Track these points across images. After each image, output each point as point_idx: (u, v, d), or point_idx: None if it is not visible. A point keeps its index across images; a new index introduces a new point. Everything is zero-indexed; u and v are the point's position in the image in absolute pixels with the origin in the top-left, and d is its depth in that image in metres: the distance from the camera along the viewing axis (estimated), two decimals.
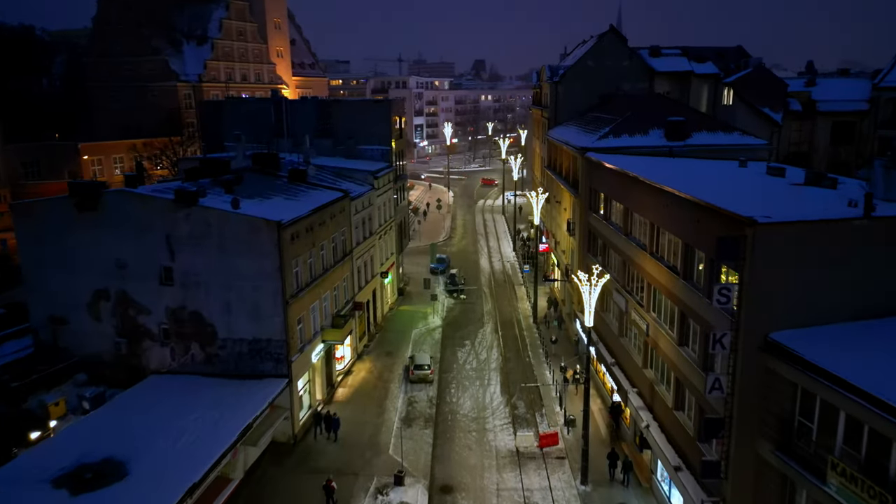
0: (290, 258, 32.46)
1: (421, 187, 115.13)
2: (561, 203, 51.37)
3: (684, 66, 59.05)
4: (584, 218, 42.15)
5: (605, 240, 37.35)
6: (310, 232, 35.02)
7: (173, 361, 34.29)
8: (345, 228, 41.11)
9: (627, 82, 58.71)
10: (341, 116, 55.00)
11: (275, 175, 41.91)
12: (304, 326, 34.37)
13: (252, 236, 31.62)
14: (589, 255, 41.44)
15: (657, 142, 41.90)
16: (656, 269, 28.22)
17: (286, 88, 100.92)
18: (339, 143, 54.28)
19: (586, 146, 41.75)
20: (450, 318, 51.53)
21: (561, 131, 54.91)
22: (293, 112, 55.48)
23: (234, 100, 66.65)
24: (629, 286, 32.87)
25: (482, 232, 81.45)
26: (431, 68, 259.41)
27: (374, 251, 47.99)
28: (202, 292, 32.87)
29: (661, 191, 27.14)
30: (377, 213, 48.88)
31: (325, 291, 37.49)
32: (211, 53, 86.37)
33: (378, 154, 53.48)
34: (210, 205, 32.19)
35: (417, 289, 57.63)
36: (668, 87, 58.96)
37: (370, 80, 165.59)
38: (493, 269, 65.61)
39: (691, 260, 24.81)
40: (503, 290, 58.51)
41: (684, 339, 25.50)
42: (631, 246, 32.07)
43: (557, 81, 58.97)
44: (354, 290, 43.03)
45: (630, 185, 32.10)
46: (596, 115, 51.65)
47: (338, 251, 39.79)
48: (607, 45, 58.64)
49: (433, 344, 46.07)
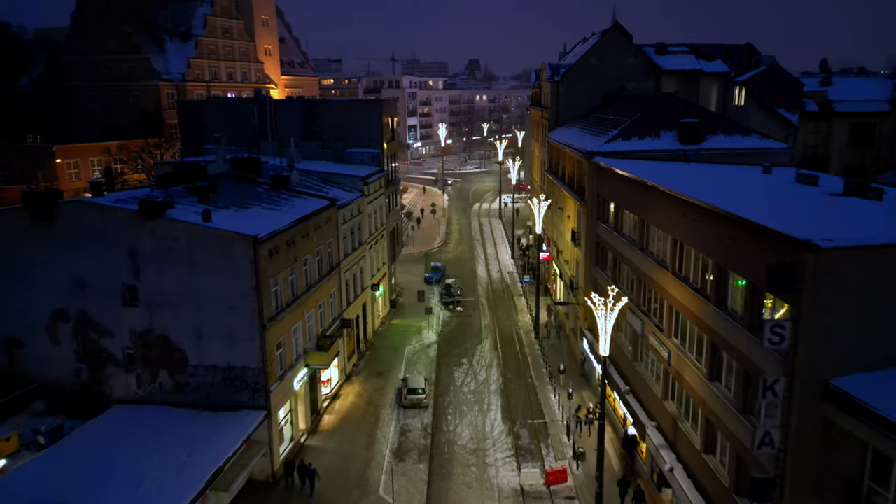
0: (268, 276, 29.10)
1: (415, 190, 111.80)
2: (564, 210, 48.14)
3: (692, 65, 55.93)
4: (591, 228, 38.92)
5: (617, 253, 34.13)
6: (291, 246, 31.66)
7: (139, 390, 30.91)
8: (331, 240, 37.75)
9: (632, 81, 55.57)
10: (329, 117, 51.62)
11: (255, 181, 38.51)
12: (284, 351, 31.00)
13: (225, 252, 28.25)
14: (597, 268, 38.20)
15: (670, 145, 38.77)
16: (680, 291, 24.99)
17: (275, 88, 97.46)
18: (326, 145, 50.90)
19: (593, 150, 38.55)
20: (446, 333, 48.22)
21: (563, 133, 51.70)
22: (278, 113, 52.06)
23: (215, 100, 63.17)
24: (646, 306, 29.64)
25: (478, 238, 78.16)
26: (425, 68, 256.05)
27: (364, 262, 44.64)
28: (170, 314, 29.48)
29: (686, 203, 23.91)
30: (367, 221, 45.53)
31: (310, 310, 34.13)
32: (195, 51, 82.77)
33: (368, 157, 50.12)
34: (178, 217, 28.79)
35: (411, 300, 54.30)
36: (675, 87, 55.83)
37: (362, 79, 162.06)
38: (491, 278, 62.34)
39: (724, 283, 21.58)
40: (502, 302, 55.25)
41: (716, 374, 22.27)
42: (648, 262, 28.84)
43: (558, 81, 55.75)
44: (342, 306, 39.67)
45: (646, 194, 28.87)
46: (601, 116, 48.46)
47: (323, 265, 36.44)
48: (611, 43, 55.47)
49: (428, 363, 42.76)
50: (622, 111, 45.89)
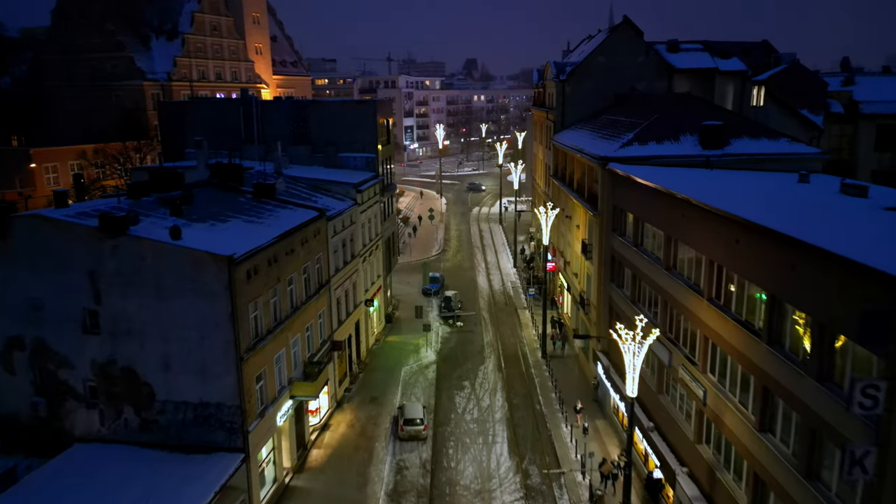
0: (245, 301, 25.64)
1: (411, 193, 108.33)
2: (572, 219, 44.77)
3: (707, 63, 52.62)
4: (606, 240, 35.57)
5: (636, 271, 30.76)
6: (274, 265, 28.21)
7: (103, 427, 27.42)
8: (320, 254, 34.32)
9: (643, 81, 52.26)
10: (320, 119, 48.14)
11: (237, 190, 35.05)
12: (266, 384, 27.54)
13: (196, 275, 24.78)
14: (612, 285, 34.84)
15: (691, 150, 35.46)
16: (719, 322, 21.63)
17: (266, 88, 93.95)
18: (317, 149, 47.42)
19: (608, 155, 35.20)
20: (445, 352, 44.80)
21: (571, 136, 48.34)
22: (265, 114, 48.56)
23: (198, 100, 59.59)
24: (673, 334, 26.27)
25: (478, 245, 74.73)
26: (421, 68, 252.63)
27: (357, 277, 41.21)
28: (135, 343, 25.99)
29: (728, 220, 20.56)
30: (361, 231, 42.10)
31: (295, 334, 30.68)
32: (181, 49, 79.21)
33: (362, 162, 46.68)
34: (143, 234, 25.31)
35: (408, 314, 50.88)
36: (688, 87, 52.52)
37: (358, 79, 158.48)
38: (493, 288, 58.92)
39: (780, 319, 18.22)
40: (505, 316, 51.84)
41: (768, 425, 18.92)
42: (676, 285, 25.47)
43: (564, 80, 52.40)
44: (332, 326, 36.23)
45: (674, 207, 25.51)
46: (611, 118, 45.12)
47: (311, 283, 33.00)
48: (620, 39, 52.17)
49: (426, 386, 39.34)
50: (635, 113, 42.59)
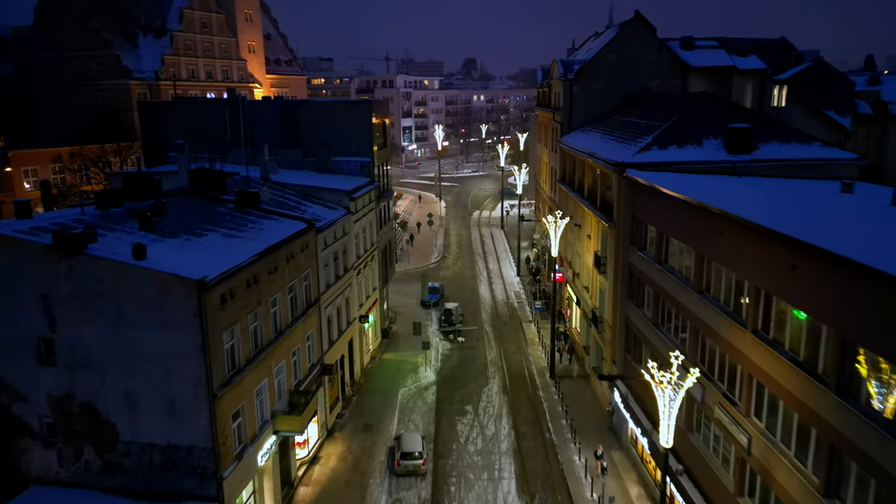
0: (219, 330, 22.49)
1: (409, 196, 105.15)
2: (582, 228, 41.65)
3: (724, 61, 49.55)
4: (622, 254, 32.46)
5: (660, 290, 27.65)
6: (254, 286, 25.06)
7: (61, 468, 24.31)
8: (309, 270, 31.18)
9: (655, 79, 49.21)
10: (312, 121, 44.98)
11: (217, 199, 31.90)
12: (244, 421, 24.39)
13: (161, 300, 21.64)
14: (630, 304, 31.72)
15: (715, 155, 32.39)
16: (769, 361, 18.53)
17: (259, 88, 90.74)
18: (308, 153, 44.29)
19: (625, 161, 32.09)
20: (446, 371, 41.66)
21: (579, 139, 45.24)
22: (253, 115, 45.39)
23: (181, 100, 56.32)
24: (707, 367, 23.17)
25: (479, 251, 71.55)
26: (420, 67, 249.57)
27: (350, 292, 38.07)
28: (95, 377, 22.87)
29: (781, 241, 17.46)
30: (355, 242, 38.97)
31: (279, 361, 27.54)
32: (170, 47, 75.99)
33: (356, 167, 43.54)
34: (102, 253, 22.14)
35: (406, 328, 47.74)
36: (703, 86, 49.49)
37: (355, 79, 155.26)
38: (496, 299, 55.78)
39: (852, 364, 15.12)
40: (509, 330, 48.70)
41: (835, 489, 15.81)
42: (711, 311, 22.37)
43: (572, 79, 49.29)
44: (322, 348, 33.09)
45: (708, 222, 22.41)
46: (624, 120, 42.03)
47: (298, 303, 29.86)
48: (632, 36, 49.07)
49: (426, 411, 36.21)
50: (651, 114, 39.51)
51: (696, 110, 35.95)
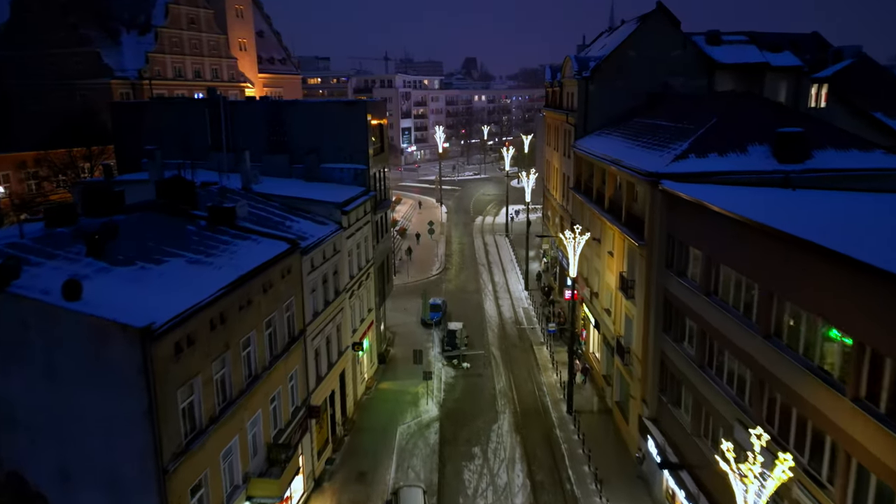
0: (173, 387, 18.08)
1: (409, 201, 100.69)
2: (603, 243, 37.25)
3: (755, 57, 45.21)
4: (656, 278, 28.05)
5: (707, 327, 23.25)
6: (220, 327, 20.64)
7: None
8: (292, 299, 26.76)
9: (679, 78, 44.87)
10: (300, 123, 40.58)
11: (187, 215, 27.47)
12: (207, 494, 19.95)
13: (98, 352, 17.25)
14: (666, 337, 27.31)
15: (763, 164, 28.04)
16: (880, 441, 14.14)
17: (251, 87, 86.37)
18: (297, 159, 39.91)
19: (658, 171, 27.70)
20: (450, 404, 37.24)
21: (597, 143, 40.86)
22: (235, 117, 40.99)
23: (158, 101, 51.87)
24: (776, 429, 18.78)
25: (484, 261, 67.06)
26: (419, 67, 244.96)
27: (342, 317, 33.67)
28: (23, 440, 18.50)
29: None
30: (347, 261, 34.57)
31: (254, 412, 23.13)
32: (154, 44, 71.58)
33: (349, 175, 39.14)
34: (28, 291, 17.74)
35: (405, 351, 43.39)
36: (731, 84, 45.13)
37: (352, 78, 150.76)
38: (503, 316, 51.36)
39: None
40: (519, 354, 44.27)
41: None
42: (786, 365, 17.95)
43: (588, 77, 44.90)
44: (308, 387, 28.69)
45: (782, 252, 18.03)
46: (649, 123, 37.65)
47: (279, 339, 25.45)
48: (653, 30, 44.70)
49: (428, 454, 31.81)
50: (678, 116, 35.18)
51: (736, 112, 31.55)
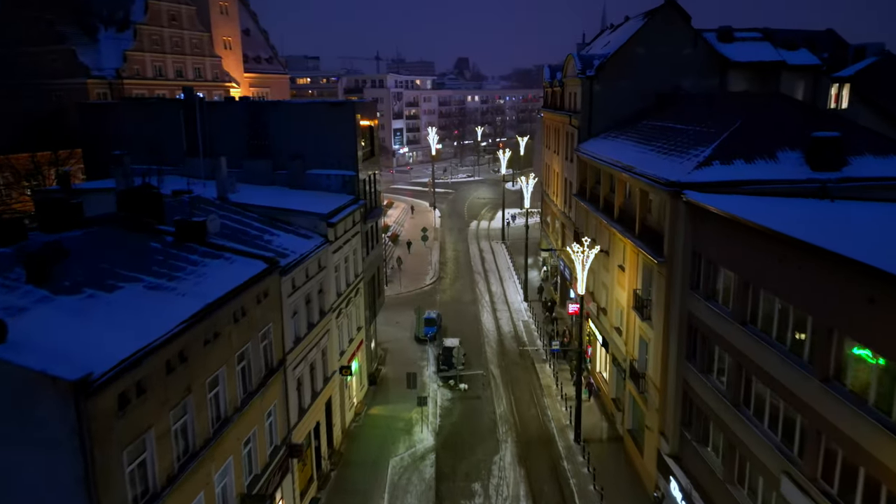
0: (117, 448, 15.00)
1: (401, 204, 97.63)
2: (612, 256, 34.37)
3: (770, 55, 42.51)
4: (679, 300, 25.16)
5: (744, 361, 20.36)
6: (180, 368, 17.55)
7: None
8: (270, 325, 23.70)
9: (689, 77, 42.09)
10: (284, 126, 37.52)
11: (152, 230, 24.38)
12: None
13: (26, 408, 14.17)
14: (690, 367, 24.43)
15: (796, 172, 25.27)
16: None
17: (237, 88, 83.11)
18: (279, 165, 36.85)
19: (679, 180, 24.85)
20: (447, 431, 34.26)
21: (604, 147, 38.02)
22: (213, 119, 37.89)
23: (129, 101, 48.60)
24: (835, 488, 15.91)
25: (480, 270, 64.07)
26: (410, 67, 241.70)
27: (328, 339, 30.63)
28: None
29: None
30: (334, 277, 31.54)
31: (224, 461, 20.04)
32: (133, 42, 68.24)
33: (337, 182, 36.12)
34: None
35: (397, 369, 40.44)
36: (744, 84, 42.46)
37: (342, 78, 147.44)
38: (501, 330, 48.40)
39: None
40: (520, 373, 41.31)
41: None
42: (849, 413, 15.08)
43: (593, 76, 42.04)
44: (289, 423, 25.62)
45: (842, 281, 15.16)
46: (662, 125, 34.83)
47: (254, 373, 22.39)
48: (662, 26, 41.90)
49: (423, 490, 28.81)
50: (693, 118, 32.40)
51: (762, 113, 28.74)
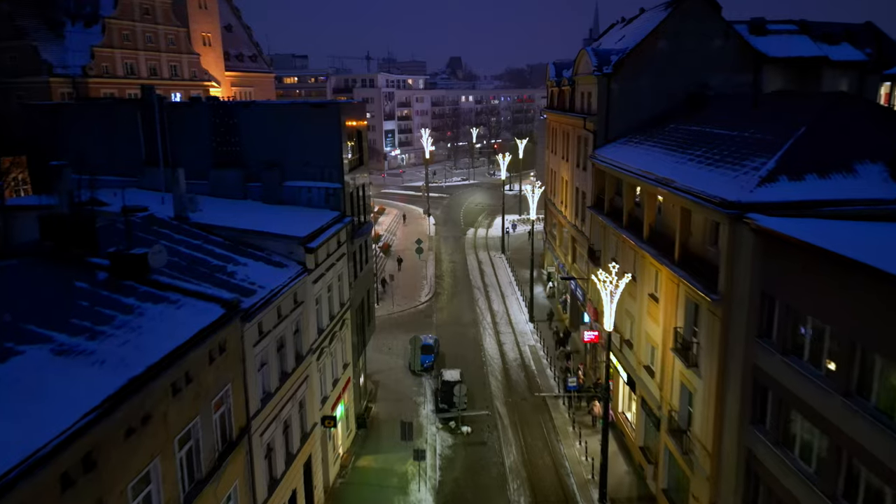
0: None
1: (394, 210, 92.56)
2: (641, 282, 29.46)
3: (810, 50, 37.84)
4: (739, 347, 20.29)
5: (845, 444, 15.48)
6: (83, 479, 12.48)
7: None
8: (228, 387, 18.63)
9: (719, 74, 37.35)
10: (258, 130, 32.40)
11: (82, 264, 19.28)
12: None
13: None
14: (757, 433, 19.52)
15: (881, 189, 20.52)
16: None
17: (217, 87, 77.76)
18: (253, 175, 31.79)
19: (741, 200, 20.02)
20: (448, 489, 29.25)
21: (626, 154, 33.16)
22: (175, 122, 32.74)
23: (81, 102, 43.21)
24: None
25: (479, 285, 59.03)
26: (402, 67, 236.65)
27: (306, 388, 25.58)
28: None
29: None
30: (315, 312, 26.48)
31: None
32: (102, 37, 62.85)
33: (320, 196, 31.09)
34: None
35: (390, 408, 35.55)
36: (781, 82, 37.73)
37: (331, 77, 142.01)
38: (506, 357, 43.43)
39: None
40: (530, 412, 36.29)
41: None
42: None
43: (610, 74, 37.20)
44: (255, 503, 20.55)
45: None
46: (697, 130, 29.99)
47: (204, 453, 17.29)
48: (689, 16, 37.09)
49: None
50: (738, 121, 27.61)
51: (832, 118, 23.91)
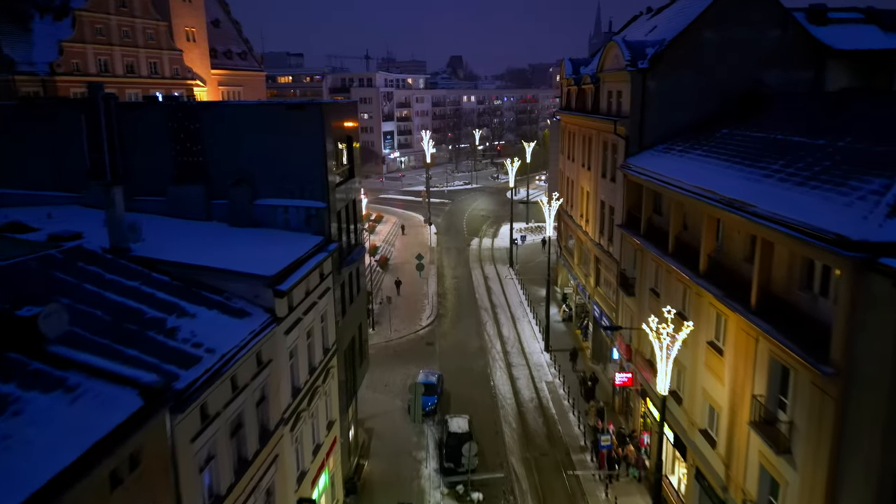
0: None
1: (392, 218, 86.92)
2: (698, 328, 23.77)
3: (881, 42, 32.25)
4: (865, 442, 14.67)
5: None
6: None
7: None
8: None
9: (774, 70, 31.75)
10: (225, 137, 26.67)
11: None
12: None
13: None
14: None
15: None
16: None
17: (202, 86, 72.21)
18: (218, 192, 26.13)
19: (867, 239, 14.41)
20: None
21: (669, 164, 27.53)
22: (127, 127, 27.09)
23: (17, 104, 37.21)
24: None
25: (486, 305, 53.28)
26: (402, 66, 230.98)
27: (276, 470, 19.94)
28: None
29: None
30: (289, 369, 20.85)
31: None
32: (72, 31, 57.23)
33: (299, 217, 25.47)
34: None
35: (385, 465, 29.96)
36: (846, 79, 32.10)
37: (328, 76, 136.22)
38: (519, 396, 37.75)
39: None
40: (551, 471, 30.58)
41: None
42: None
43: (646, 69, 31.59)
44: None
45: None
46: (765, 137, 24.34)
47: None
48: (740, 1, 31.49)
49: None
50: (820, 127, 22.03)
51: None
